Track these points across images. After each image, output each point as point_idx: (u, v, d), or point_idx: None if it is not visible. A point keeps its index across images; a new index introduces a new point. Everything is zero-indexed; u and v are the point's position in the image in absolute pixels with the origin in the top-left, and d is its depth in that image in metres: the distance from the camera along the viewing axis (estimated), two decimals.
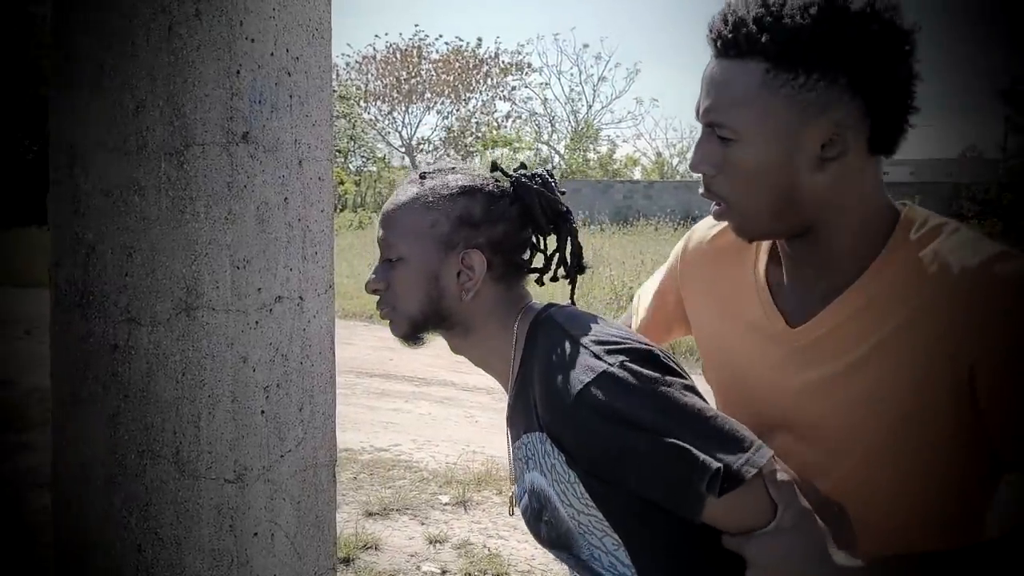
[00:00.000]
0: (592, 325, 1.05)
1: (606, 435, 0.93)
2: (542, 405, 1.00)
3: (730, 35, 0.99)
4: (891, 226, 1.03)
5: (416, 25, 41.97)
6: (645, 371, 0.96)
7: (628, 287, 10.16)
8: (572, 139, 32.72)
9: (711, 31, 1.02)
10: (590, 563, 1.01)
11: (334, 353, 1.63)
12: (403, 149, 32.85)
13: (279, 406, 1.48)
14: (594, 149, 32.64)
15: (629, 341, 1.02)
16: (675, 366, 1.02)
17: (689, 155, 1.08)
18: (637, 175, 31.29)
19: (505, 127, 32.38)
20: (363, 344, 8.45)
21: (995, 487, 1.03)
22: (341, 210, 24.65)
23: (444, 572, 3.75)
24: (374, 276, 1.14)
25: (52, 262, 1.50)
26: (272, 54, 1.46)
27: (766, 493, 0.93)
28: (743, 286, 1.15)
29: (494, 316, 1.11)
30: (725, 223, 1.18)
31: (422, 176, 1.14)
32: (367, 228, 20.18)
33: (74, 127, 1.46)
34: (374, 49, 32.92)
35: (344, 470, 4.93)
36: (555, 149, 33.14)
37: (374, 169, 32.82)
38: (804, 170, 1.00)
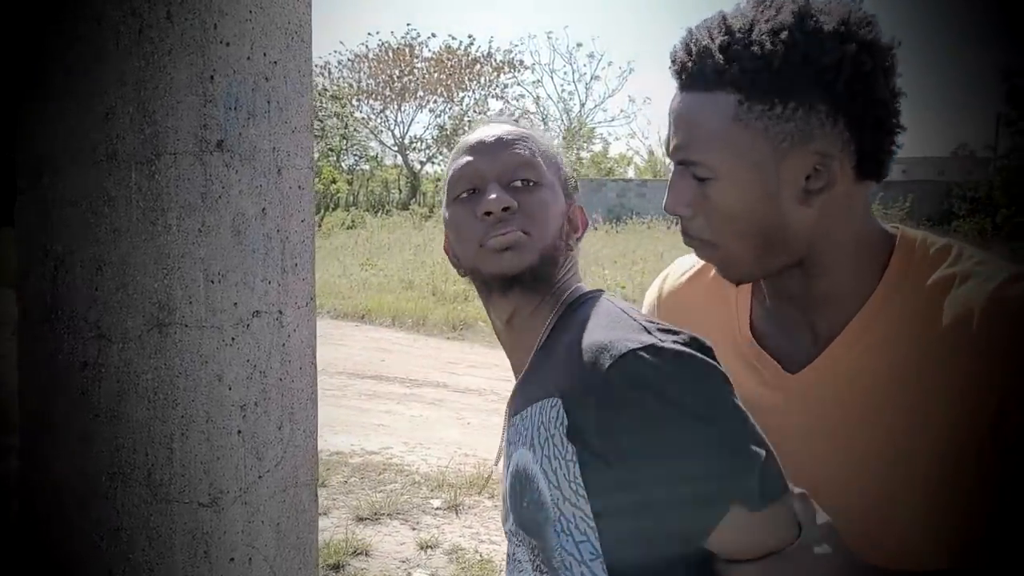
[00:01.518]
0: (645, 317, 0.94)
1: (637, 409, 0.82)
2: (569, 365, 0.89)
3: (695, 67, 0.92)
4: (887, 253, 0.96)
5: (408, 24, 41.84)
6: (698, 355, 0.85)
7: (621, 285, 10.13)
8: (565, 137, 32.67)
9: (674, 62, 0.94)
10: (560, 572, 0.89)
11: (315, 368, 1.58)
12: (396, 148, 32.75)
13: (257, 425, 1.42)
14: (587, 147, 32.63)
15: (686, 331, 0.90)
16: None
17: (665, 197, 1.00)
18: (630, 174, 31.30)
19: None
20: (355, 345, 8.40)
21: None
22: (333, 209, 24.55)
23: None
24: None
25: (19, 274, 1.44)
26: (249, 58, 1.40)
27: (791, 508, 0.84)
28: (727, 330, 1.06)
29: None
30: (699, 263, 1.11)
31: None
32: (359, 227, 20.11)
33: (42, 134, 1.40)
34: (366, 47, 32.82)
35: (334, 474, 4.87)
36: None
37: (367, 168, 32.71)
38: (788, 205, 0.92)
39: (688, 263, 1.16)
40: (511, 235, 0.97)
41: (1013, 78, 20.65)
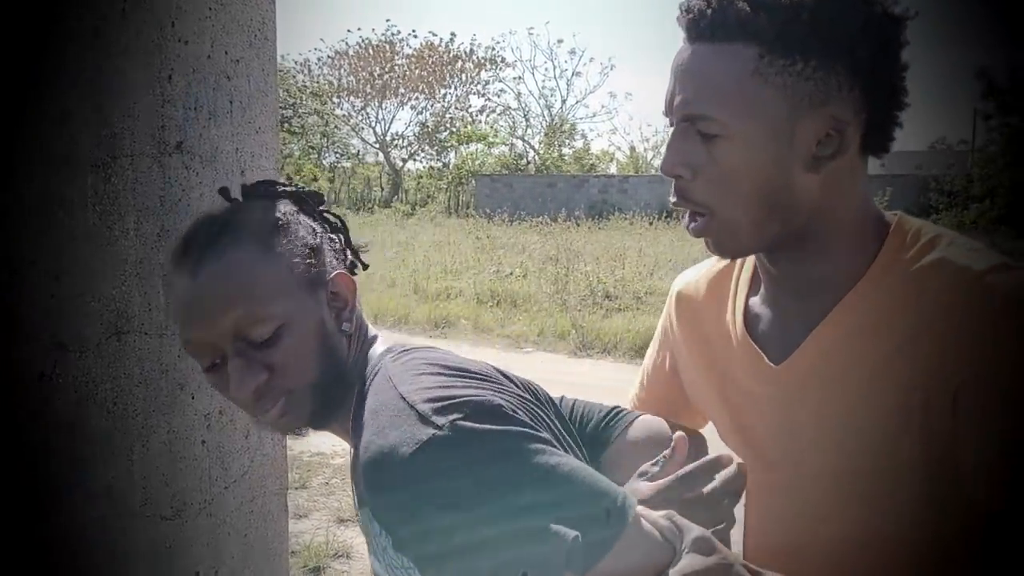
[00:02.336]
0: (426, 374, 0.87)
1: (436, 518, 0.77)
2: (364, 481, 0.82)
3: (715, 15, 0.86)
4: (882, 238, 0.93)
5: (388, 20, 41.61)
6: (481, 428, 0.79)
7: (603, 282, 10.11)
8: (546, 134, 32.67)
9: (688, 11, 0.89)
10: None
11: None
12: (377, 145, 32.62)
13: (222, 435, 1.38)
14: (569, 144, 32.64)
15: (467, 389, 0.84)
16: (522, 415, 0.85)
17: (661, 155, 0.94)
18: (612, 170, 31.32)
19: (479, 122, 32.27)
20: None
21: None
22: None
23: None
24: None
25: None
26: (209, 56, 1.36)
27: (650, 535, 0.81)
28: (724, 325, 1.04)
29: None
30: (704, 267, 1.09)
31: None
32: None
33: None
34: (347, 44, 32.64)
35: (315, 475, 4.83)
36: (529, 144, 33.08)
37: (348, 165, 32.55)
38: (796, 171, 0.88)
39: (695, 269, 1.14)
40: (276, 409, 0.89)
41: (987, 75, 20.88)
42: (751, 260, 1.04)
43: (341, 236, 1.01)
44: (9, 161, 1.34)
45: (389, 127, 32.44)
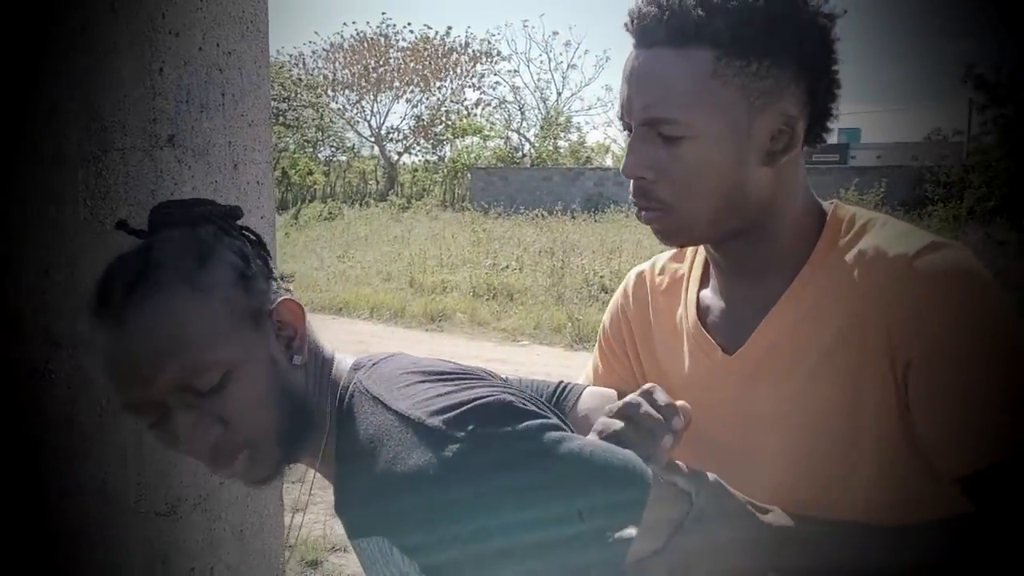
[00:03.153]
0: (413, 384, 0.83)
1: (475, 534, 0.74)
2: (389, 512, 0.79)
3: (670, 21, 0.89)
4: (820, 226, 0.97)
5: (383, 13, 41.46)
6: (501, 431, 0.77)
7: (599, 275, 10.11)
8: (542, 127, 32.62)
9: (638, 18, 0.91)
10: None
11: None
12: (372, 138, 32.54)
13: None
14: (564, 136, 32.59)
15: (466, 392, 0.81)
16: (530, 406, 0.83)
17: (622, 160, 0.96)
18: (608, 162, 31.28)
19: (475, 115, 32.19)
20: (333, 338, 8.26)
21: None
22: (310, 201, 24.34)
23: None
24: None
25: None
26: (200, 49, 1.35)
27: (668, 488, 0.81)
28: (676, 317, 1.07)
29: None
30: (662, 259, 1.12)
31: None
32: (336, 219, 19.96)
33: None
34: (342, 37, 32.55)
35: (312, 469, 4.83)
36: (525, 137, 33.04)
37: (343, 159, 32.47)
38: (752, 166, 0.92)
39: (649, 262, 1.17)
40: (238, 464, 0.81)
41: (977, 68, 20.94)
42: (702, 253, 1.08)
43: (265, 255, 0.91)
44: (1, 156, 1.32)
45: (384, 120, 32.29)
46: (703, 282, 1.07)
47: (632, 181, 0.95)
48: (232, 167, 1.41)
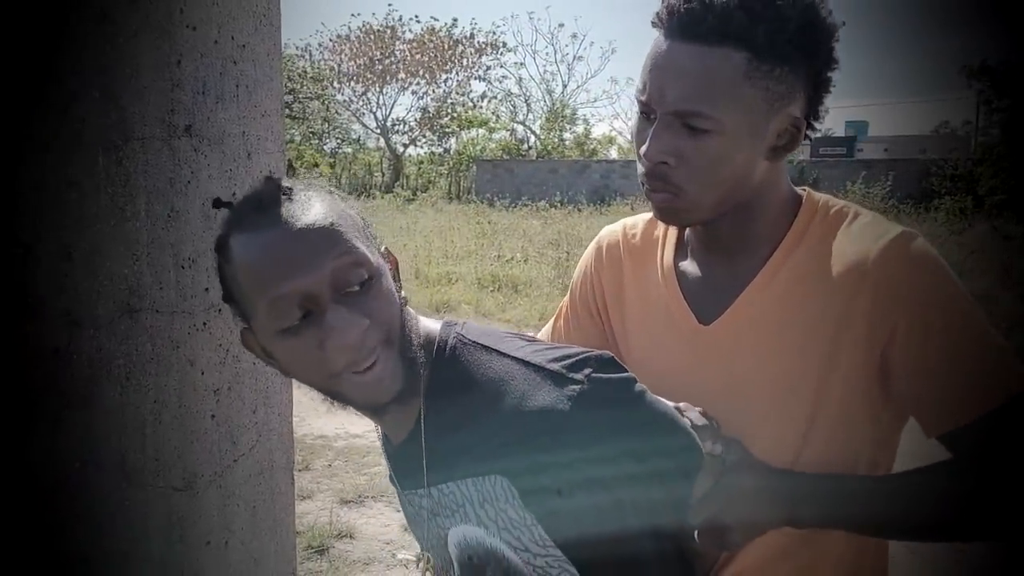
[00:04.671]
0: (511, 338, 0.93)
1: (597, 465, 0.84)
2: (507, 442, 0.86)
3: (713, 20, 0.94)
4: (795, 210, 1.05)
5: (390, 4, 41.40)
6: (612, 377, 0.87)
7: None
8: (548, 119, 32.58)
9: (677, 11, 0.96)
10: None
11: None
12: (378, 130, 32.54)
13: (231, 409, 1.42)
14: (570, 129, 32.53)
15: (573, 349, 0.90)
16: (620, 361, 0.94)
17: (644, 146, 1.00)
18: (614, 155, 31.25)
19: (480, 107, 32.17)
20: None
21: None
22: None
23: (419, 559, 3.72)
24: None
25: None
26: (216, 42, 1.39)
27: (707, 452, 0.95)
28: (651, 285, 1.13)
29: None
30: (630, 224, 1.19)
31: None
32: None
33: (3, 120, 1.39)
34: (348, 29, 32.52)
35: (319, 457, 4.88)
36: (531, 129, 33.00)
37: (349, 151, 32.48)
38: (759, 160, 1.00)
39: (619, 224, 1.22)
40: (378, 366, 0.84)
41: (985, 62, 20.83)
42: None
43: None
44: (24, 143, 1.37)
45: (390, 112, 32.32)
46: (678, 251, 1.13)
47: (649, 164, 1.00)
48: (246, 156, 1.45)
